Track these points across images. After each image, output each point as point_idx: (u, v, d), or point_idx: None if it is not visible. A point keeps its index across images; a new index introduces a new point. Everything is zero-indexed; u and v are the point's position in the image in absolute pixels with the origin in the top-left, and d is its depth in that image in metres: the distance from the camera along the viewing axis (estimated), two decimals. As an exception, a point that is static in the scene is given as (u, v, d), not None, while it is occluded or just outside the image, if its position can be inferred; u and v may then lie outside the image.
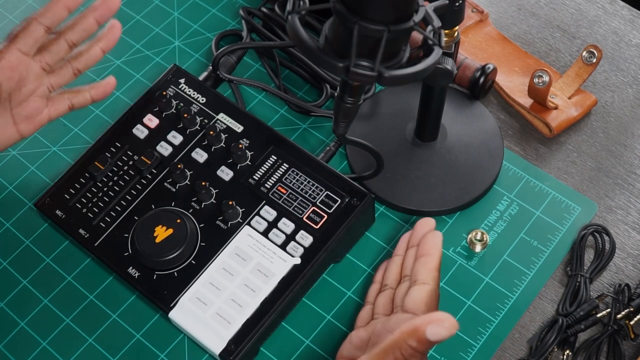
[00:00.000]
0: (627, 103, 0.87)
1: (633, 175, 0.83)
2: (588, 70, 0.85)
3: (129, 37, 0.94)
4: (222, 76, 0.87)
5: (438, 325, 0.57)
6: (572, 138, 0.85)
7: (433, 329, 0.56)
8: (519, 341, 0.75)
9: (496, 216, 0.81)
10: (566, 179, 0.83)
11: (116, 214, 0.79)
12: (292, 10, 0.55)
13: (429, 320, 0.57)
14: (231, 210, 0.76)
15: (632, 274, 0.77)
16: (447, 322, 0.56)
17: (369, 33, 0.52)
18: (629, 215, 0.80)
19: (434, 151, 0.82)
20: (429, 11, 0.56)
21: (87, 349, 0.76)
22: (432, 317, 0.57)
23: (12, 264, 0.80)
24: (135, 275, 0.75)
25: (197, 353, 0.75)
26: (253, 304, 0.73)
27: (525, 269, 0.78)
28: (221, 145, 0.81)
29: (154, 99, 0.84)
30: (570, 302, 0.75)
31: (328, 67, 0.54)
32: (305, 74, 0.90)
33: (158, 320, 0.77)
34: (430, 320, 0.57)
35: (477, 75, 0.85)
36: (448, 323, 0.56)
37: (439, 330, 0.56)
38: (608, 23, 0.92)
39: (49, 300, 0.78)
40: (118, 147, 0.82)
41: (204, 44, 0.93)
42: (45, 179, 0.85)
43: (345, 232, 0.75)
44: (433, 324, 0.57)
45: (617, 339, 0.73)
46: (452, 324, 0.56)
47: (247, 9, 0.93)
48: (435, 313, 0.58)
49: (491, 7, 0.94)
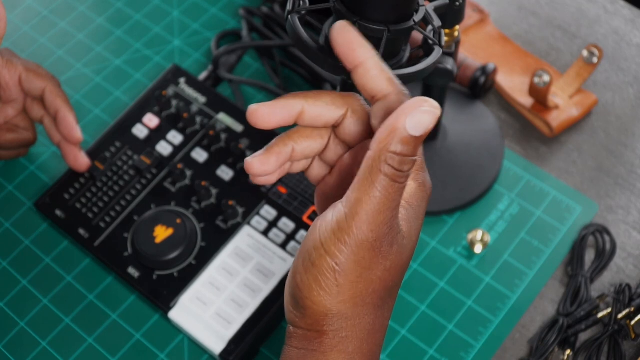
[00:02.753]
0: (628, 103, 0.87)
1: (634, 175, 0.83)
2: (589, 70, 0.85)
3: (128, 36, 0.94)
4: (222, 76, 0.87)
5: (417, 112, 0.46)
6: (573, 138, 0.85)
7: (413, 120, 0.46)
8: (520, 341, 0.75)
9: (497, 216, 0.81)
10: (567, 179, 0.83)
11: (116, 214, 0.79)
12: (292, 10, 0.55)
13: (404, 112, 0.46)
14: (231, 210, 0.76)
15: (633, 274, 0.77)
16: (426, 105, 0.46)
17: (369, 33, 0.52)
18: (630, 215, 0.80)
19: (434, 151, 0.82)
20: (429, 11, 0.56)
21: (87, 349, 0.76)
22: (406, 108, 0.46)
23: (12, 264, 0.80)
24: (135, 275, 0.75)
25: (197, 353, 0.75)
26: (253, 304, 0.73)
27: (525, 269, 0.78)
28: (221, 145, 0.81)
29: (153, 99, 0.84)
30: (570, 302, 0.75)
31: (328, 67, 0.54)
32: (305, 74, 0.90)
33: (158, 320, 0.77)
34: (404, 112, 0.46)
35: (478, 75, 0.85)
36: (427, 105, 0.46)
37: (421, 119, 0.46)
38: (609, 23, 0.92)
39: (49, 300, 0.78)
40: (118, 146, 0.82)
41: (204, 44, 0.93)
42: (45, 179, 0.85)
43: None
44: (410, 114, 0.46)
45: (618, 339, 0.73)
46: (431, 105, 0.46)
47: (247, 8, 0.93)
48: (407, 102, 0.46)
49: (492, 7, 0.94)
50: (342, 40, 0.48)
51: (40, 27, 0.96)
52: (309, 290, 0.48)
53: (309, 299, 0.48)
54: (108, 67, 0.92)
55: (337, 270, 0.47)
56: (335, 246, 0.47)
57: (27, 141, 0.83)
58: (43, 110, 0.80)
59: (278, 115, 0.50)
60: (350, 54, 0.49)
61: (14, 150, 0.83)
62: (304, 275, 0.48)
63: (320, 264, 0.48)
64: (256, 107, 0.50)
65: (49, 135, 0.80)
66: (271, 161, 0.51)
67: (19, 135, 0.82)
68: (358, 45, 0.49)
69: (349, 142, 0.52)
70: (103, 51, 0.93)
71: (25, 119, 0.82)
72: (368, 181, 0.46)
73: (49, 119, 0.80)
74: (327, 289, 0.48)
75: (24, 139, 0.82)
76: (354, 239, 0.47)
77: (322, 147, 0.53)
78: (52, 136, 0.80)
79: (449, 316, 0.76)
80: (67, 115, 0.78)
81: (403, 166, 0.46)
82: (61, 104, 0.78)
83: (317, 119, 0.51)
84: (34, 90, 0.78)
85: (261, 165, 0.50)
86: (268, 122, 0.50)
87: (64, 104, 0.78)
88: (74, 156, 0.80)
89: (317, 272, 0.48)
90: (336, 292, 0.48)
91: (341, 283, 0.48)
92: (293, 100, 0.50)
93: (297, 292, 0.49)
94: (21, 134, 0.82)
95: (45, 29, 0.95)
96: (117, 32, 0.95)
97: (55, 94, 0.78)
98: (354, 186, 0.47)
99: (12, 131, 0.81)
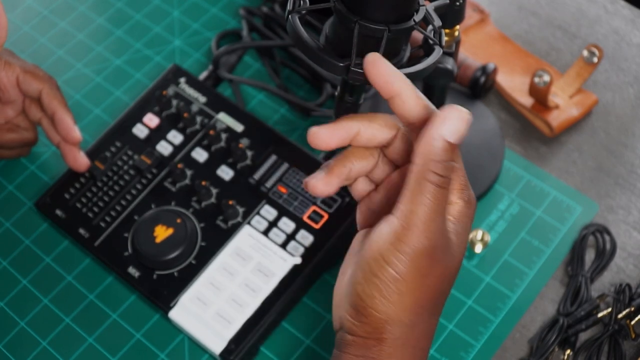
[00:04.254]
0: (628, 103, 0.87)
1: (634, 175, 0.83)
2: (589, 69, 0.85)
3: (129, 36, 0.94)
4: (222, 76, 0.87)
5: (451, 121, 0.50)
6: (573, 138, 0.85)
7: (449, 128, 0.50)
8: (520, 341, 0.75)
9: (497, 216, 0.81)
10: (567, 179, 0.83)
11: (116, 213, 0.79)
12: (292, 10, 0.55)
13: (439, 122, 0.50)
14: (231, 210, 0.76)
15: (633, 273, 0.77)
16: (457, 112, 0.50)
17: (369, 33, 0.52)
18: (630, 214, 0.80)
19: (434, 151, 0.82)
20: (430, 11, 0.56)
21: (87, 349, 0.76)
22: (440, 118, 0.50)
23: (12, 264, 0.80)
24: (135, 275, 0.75)
25: (197, 353, 0.75)
26: (253, 303, 0.73)
27: (526, 269, 0.78)
28: (221, 144, 0.81)
29: (154, 99, 0.84)
30: (571, 302, 0.75)
31: (328, 66, 0.54)
32: (305, 74, 0.90)
33: (158, 320, 0.77)
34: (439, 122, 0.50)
35: (478, 74, 0.85)
36: (458, 113, 0.50)
37: (455, 126, 0.50)
38: (609, 22, 0.92)
39: (49, 300, 0.78)
40: (118, 146, 0.82)
41: (204, 44, 0.93)
42: (45, 179, 0.85)
43: (346, 232, 0.75)
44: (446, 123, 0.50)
45: (618, 338, 0.73)
46: (462, 112, 0.50)
47: (247, 8, 0.93)
48: (440, 113, 0.50)
49: (492, 7, 0.94)
50: (378, 73, 0.52)
51: (40, 27, 0.96)
52: (371, 299, 0.51)
53: (371, 308, 0.51)
54: (108, 67, 0.92)
55: (398, 279, 0.50)
56: (395, 256, 0.50)
57: (28, 141, 0.83)
58: (41, 112, 0.80)
59: (337, 137, 0.53)
60: (386, 86, 0.52)
61: (15, 149, 0.84)
62: (366, 286, 0.51)
63: (381, 274, 0.51)
64: (316, 130, 0.53)
65: (48, 136, 0.80)
66: (333, 182, 0.54)
67: (20, 135, 0.82)
68: (394, 77, 0.52)
69: (396, 161, 0.56)
70: (103, 51, 0.93)
71: (25, 119, 0.82)
72: (417, 192, 0.50)
73: (47, 120, 0.80)
74: (389, 297, 0.51)
75: (24, 138, 0.82)
76: (412, 247, 0.50)
77: (373, 166, 0.56)
78: (51, 137, 0.80)
79: (449, 316, 0.76)
80: (64, 117, 0.78)
81: (446, 172, 0.50)
82: (57, 105, 0.78)
83: (371, 140, 0.54)
84: (31, 91, 0.78)
85: (325, 187, 0.54)
86: (328, 144, 0.53)
87: (61, 105, 0.78)
88: (73, 157, 0.80)
89: (379, 282, 0.51)
90: (398, 301, 0.51)
91: (402, 291, 0.51)
92: (350, 122, 0.54)
93: (358, 302, 0.52)
94: (22, 134, 0.82)
95: (45, 29, 0.95)
96: (117, 32, 0.95)
97: (51, 96, 0.78)
98: (404, 199, 0.51)
99: (13, 131, 0.81)
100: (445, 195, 0.51)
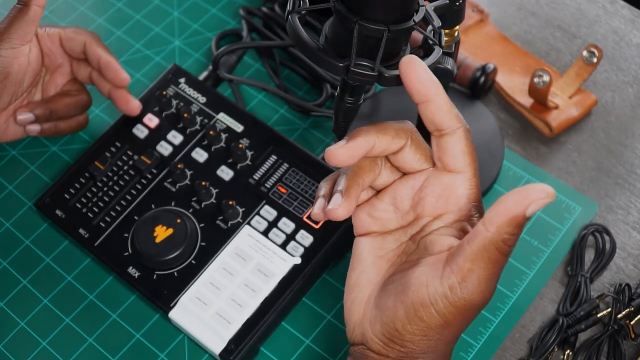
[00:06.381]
0: (628, 103, 0.87)
1: (633, 175, 0.83)
2: (588, 70, 0.85)
3: (129, 36, 0.94)
4: (222, 76, 0.87)
5: (539, 202, 0.48)
6: (573, 138, 0.85)
7: (535, 208, 0.49)
8: (520, 341, 0.75)
9: (496, 216, 0.80)
10: (567, 179, 0.83)
11: (116, 213, 0.79)
12: (292, 10, 0.55)
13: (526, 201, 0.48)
14: (231, 210, 0.76)
15: (633, 273, 0.77)
16: (545, 193, 0.48)
17: (369, 33, 0.52)
18: (630, 214, 0.80)
19: (434, 151, 0.82)
20: (429, 11, 0.56)
21: (87, 349, 0.76)
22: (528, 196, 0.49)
23: (12, 264, 0.80)
24: (135, 275, 0.75)
25: (197, 353, 0.75)
26: (253, 303, 0.73)
27: (525, 269, 0.78)
28: (221, 145, 0.81)
29: (154, 99, 0.84)
30: (570, 302, 0.75)
31: (328, 67, 0.54)
32: (305, 74, 0.90)
33: (158, 320, 0.77)
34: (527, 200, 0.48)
35: (478, 75, 0.85)
36: (546, 194, 0.48)
37: (539, 205, 0.49)
38: (608, 23, 0.92)
39: (49, 300, 0.78)
40: (118, 146, 0.82)
41: (204, 44, 0.93)
42: (45, 179, 0.85)
43: (346, 232, 0.75)
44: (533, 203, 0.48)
45: (618, 338, 0.73)
46: (549, 192, 0.48)
47: (247, 8, 0.93)
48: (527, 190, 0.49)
49: (491, 7, 0.94)
50: (414, 76, 0.52)
51: (40, 27, 0.96)
52: (411, 336, 0.53)
53: (410, 342, 0.54)
54: (108, 67, 0.92)
55: (445, 326, 0.53)
56: (447, 309, 0.52)
57: (83, 102, 0.84)
58: (89, 68, 0.82)
59: (356, 156, 0.54)
60: (421, 89, 0.52)
61: (72, 120, 0.84)
62: (408, 325, 0.53)
63: (430, 321, 0.53)
64: (334, 149, 0.53)
65: (99, 88, 0.82)
66: (353, 204, 0.54)
67: (74, 98, 0.83)
68: (429, 81, 0.52)
69: (402, 168, 0.56)
70: (103, 51, 0.93)
71: (75, 83, 0.84)
72: (483, 256, 0.51)
73: (96, 73, 0.82)
74: (431, 337, 0.53)
75: (79, 100, 0.83)
76: (465, 303, 0.52)
77: (379, 175, 0.56)
78: (102, 88, 0.82)
79: (448, 316, 0.76)
80: (110, 60, 0.80)
81: (515, 243, 0.51)
82: (102, 52, 0.80)
83: (383, 152, 0.55)
84: (75, 47, 0.81)
85: (347, 212, 0.54)
86: (347, 162, 0.54)
87: (105, 51, 0.81)
88: (125, 100, 0.82)
89: (424, 325, 0.53)
90: (439, 340, 0.54)
91: (445, 334, 0.53)
92: (366, 137, 0.53)
93: (395, 334, 0.54)
94: (76, 96, 0.83)
95: (45, 29, 0.95)
96: (117, 32, 0.95)
97: (95, 45, 0.81)
98: (466, 257, 0.51)
99: (68, 95, 0.83)
100: (506, 260, 0.51)
